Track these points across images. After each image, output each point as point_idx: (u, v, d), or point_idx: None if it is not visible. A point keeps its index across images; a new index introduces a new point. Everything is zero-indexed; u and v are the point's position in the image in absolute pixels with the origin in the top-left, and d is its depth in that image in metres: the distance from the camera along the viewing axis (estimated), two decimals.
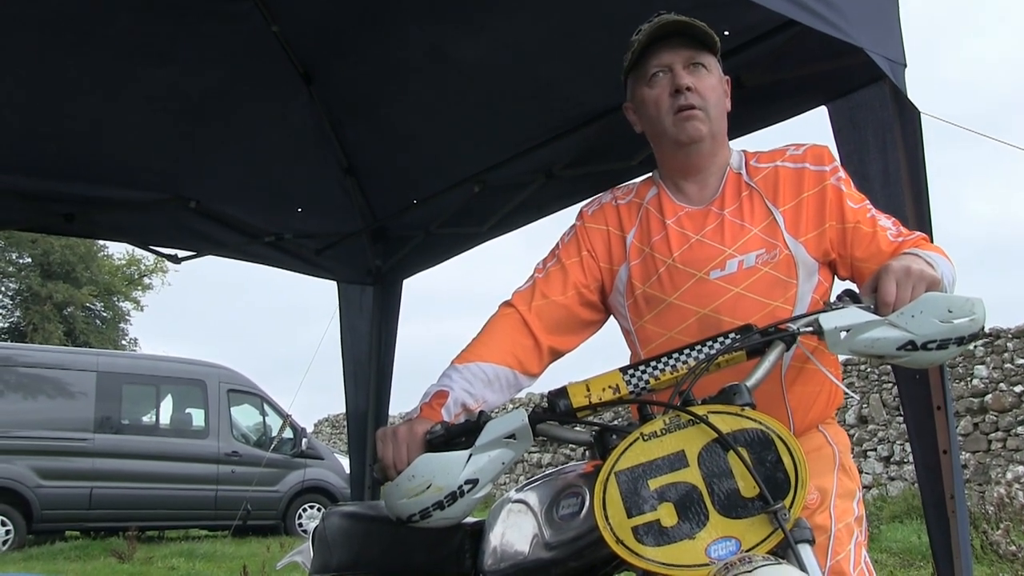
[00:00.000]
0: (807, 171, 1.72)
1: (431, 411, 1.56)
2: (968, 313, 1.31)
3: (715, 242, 1.70)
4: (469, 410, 1.60)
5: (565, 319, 1.76)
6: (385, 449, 1.46)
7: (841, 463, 1.73)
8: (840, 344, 1.35)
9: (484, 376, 1.64)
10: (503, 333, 1.71)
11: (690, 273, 1.69)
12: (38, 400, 10.28)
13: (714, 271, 1.67)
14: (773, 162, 1.76)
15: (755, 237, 1.68)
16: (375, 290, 4.60)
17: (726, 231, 1.70)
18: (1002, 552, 5.89)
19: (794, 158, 1.75)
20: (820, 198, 1.69)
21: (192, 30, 3.13)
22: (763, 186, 1.73)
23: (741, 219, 1.71)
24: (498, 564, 1.61)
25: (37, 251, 24.77)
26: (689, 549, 1.16)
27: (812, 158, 1.74)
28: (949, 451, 2.26)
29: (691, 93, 1.68)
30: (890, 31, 2.30)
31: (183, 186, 4.01)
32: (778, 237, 1.68)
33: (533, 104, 3.35)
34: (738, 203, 1.73)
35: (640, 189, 1.85)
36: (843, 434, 1.81)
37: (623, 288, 1.78)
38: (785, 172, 1.73)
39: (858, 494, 1.74)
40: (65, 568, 8.31)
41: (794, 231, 1.68)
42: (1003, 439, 8.78)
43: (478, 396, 1.62)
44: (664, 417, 1.27)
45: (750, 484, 1.18)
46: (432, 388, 1.62)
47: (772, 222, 1.69)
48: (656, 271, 1.72)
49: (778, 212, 1.70)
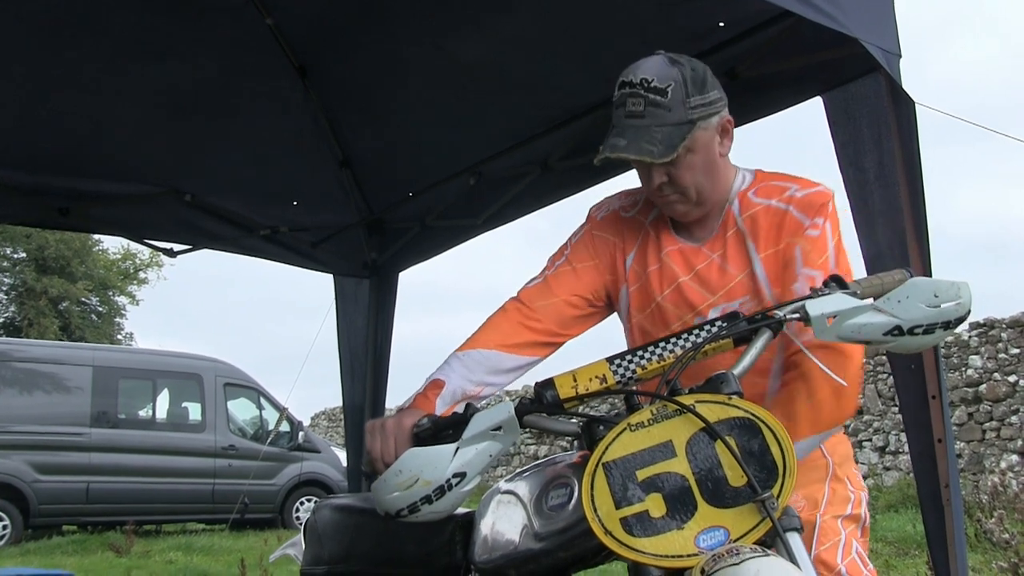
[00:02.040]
0: (792, 218, 1.66)
1: (424, 401, 1.56)
2: (954, 297, 1.31)
3: (701, 288, 1.70)
4: (468, 396, 1.60)
5: (570, 319, 1.76)
6: (373, 442, 1.46)
7: (835, 473, 1.71)
8: (827, 330, 1.34)
9: (486, 362, 1.64)
10: (507, 323, 1.71)
11: (676, 314, 1.71)
12: (34, 395, 10.28)
13: (697, 318, 1.67)
14: (768, 200, 1.69)
15: (740, 284, 1.67)
16: (371, 283, 4.59)
17: (713, 275, 1.69)
18: (996, 540, 5.93)
19: (789, 200, 1.68)
20: (789, 249, 1.65)
21: (186, 24, 3.12)
22: (748, 226, 1.69)
23: (727, 264, 1.69)
24: (489, 555, 1.61)
25: (32, 246, 24.70)
26: (678, 539, 1.16)
27: (804, 206, 1.66)
28: (944, 440, 2.26)
29: (666, 186, 1.64)
30: (885, 21, 2.30)
31: (178, 180, 4.00)
32: (759, 284, 1.66)
33: (529, 96, 3.35)
34: (723, 248, 1.70)
35: (644, 206, 1.82)
36: (844, 444, 1.78)
37: (624, 310, 1.80)
38: (773, 214, 1.68)
39: (853, 497, 1.71)
40: (63, 562, 8.31)
41: (773, 279, 1.65)
42: (997, 428, 8.81)
43: (478, 382, 1.61)
44: (651, 407, 1.27)
45: (738, 473, 1.18)
46: (429, 377, 1.62)
47: (752, 271, 1.67)
48: (649, 305, 1.74)
49: (758, 259, 1.67)
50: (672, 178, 1.63)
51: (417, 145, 3.87)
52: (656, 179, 1.64)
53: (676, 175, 1.63)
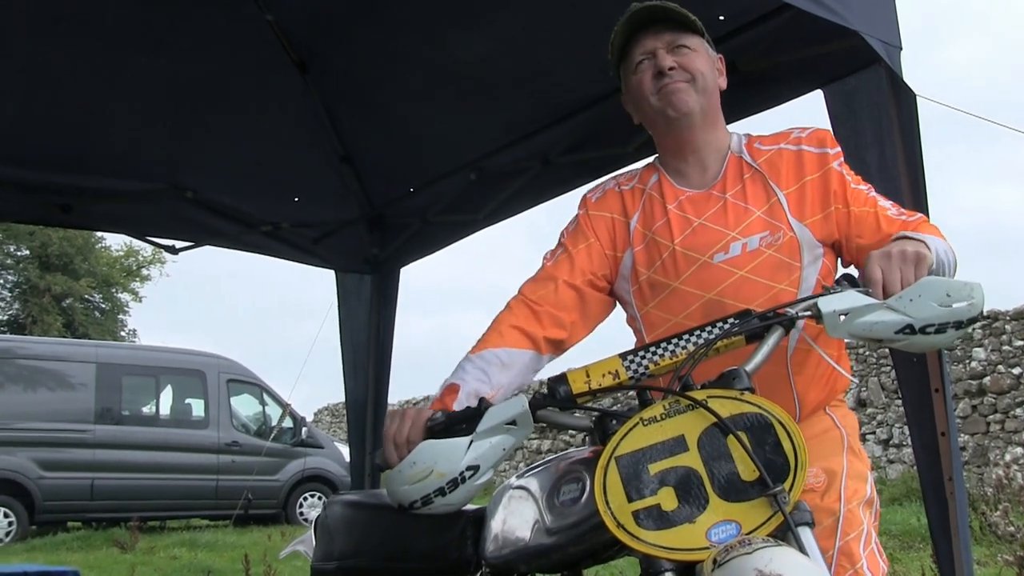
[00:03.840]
0: (809, 154, 1.72)
1: (441, 406, 1.55)
2: (967, 297, 1.31)
3: (718, 225, 1.69)
4: (486, 399, 1.60)
5: (574, 303, 1.74)
6: (390, 425, 1.46)
7: (850, 445, 1.73)
8: (839, 328, 1.35)
9: (499, 361, 1.63)
10: (513, 318, 1.71)
11: (693, 258, 1.68)
12: (38, 392, 10.29)
13: (717, 255, 1.67)
14: (776, 144, 1.75)
15: (758, 219, 1.68)
16: (373, 278, 4.60)
17: (729, 214, 1.69)
18: (1000, 533, 5.92)
19: (797, 140, 1.75)
20: (824, 181, 1.69)
21: (186, 19, 3.12)
22: (766, 168, 1.72)
23: (744, 201, 1.70)
24: (500, 550, 1.62)
25: (35, 243, 24.74)
26: (689, 533, 1.17)
27: (814, 141, 1.73)
28: (947, 433, 2.26)
29: (675, 71, 1.69)
30: (886, 14, 2.30)
31: (180, 176, 4.00)
32: (782, 219, 1.67)
33: (529, 91, 3.35)
34: (740, 185, 1.72)
35: (643, 175, 1.84)
36: (852, 416, 1.81)
37: (628, 274, 1.77)
38: (788, 155, 1.73)
39: (870, 477, 1.73)
40: (68, 559, 8.33)
41: (799, 214, 1.68)
42: (1001, 421, 8.80)
43: (494, 383, 1.60)
44: (664, 402, 1.27)
45: (750, 468, 1.18)
46: (444, 382, 1.61)
47: (775, 204, 1.69)
48: (660, 256, 1.72)
49: (782, 194, 1.69)
50: (682, 64, 1.70)
51: (418, 140, 3.87)
52: (666, 60, 1.69)
53: (686, 62, 1.70)
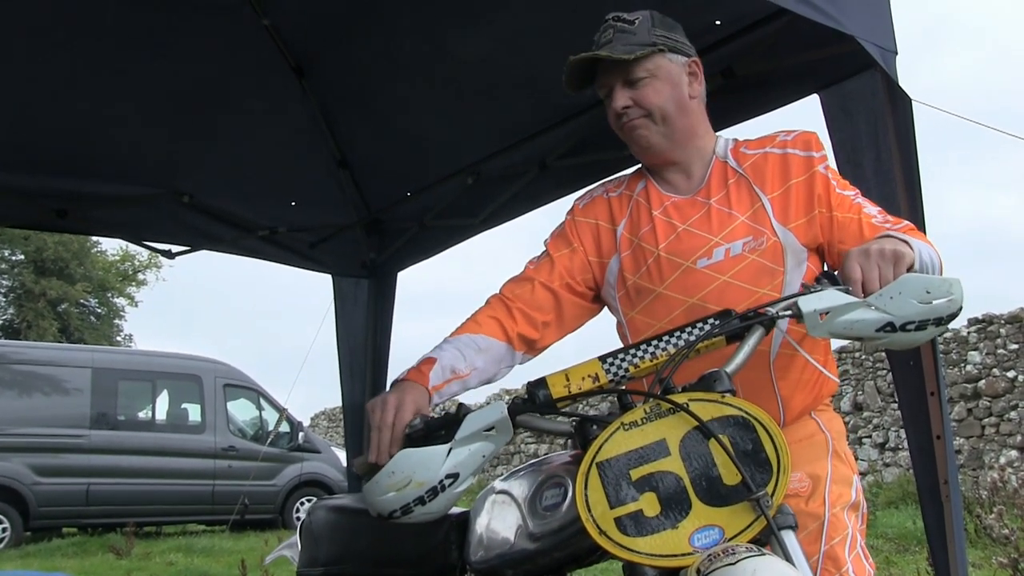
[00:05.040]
0: (795, 157, 1.72)
1: (418, 374, 1.58)
2: (946, 293, 1.31)
3: (702, 231, 1.70)
4: (459, 376, 1.61)
5: (550, 304, 1.77)
6: (373, 413, 1.48)
7: (835, 449, 1.73)
8: (819, 327, 1.34)
9: (475, 345, 1.66)
10: (490, 310, 1.74)
11: (677, 263, 1.70)
12: (33, 397, 10.26)
13: (701, 260, 1.68)
14: (762, 148, 1.76)
15: (742, 224, 1.69)
16: (370, 283, 4.59)
17: (713, 219, 1.70)
18: (995, 536, 5.92)
19: (783, 144, 1.75)
20: (809, 185, 1.70)
21: (183, 23, 3.11)
22: (751, 173, 1.73)
23: (728, 207, 1.71)
24: (484, 555, 1.61)
25: (30, 248, 24.69)
26: (672, 539, 1.16)
27: (800, 144, 1.74)
28: (943, 436, 2.27)
29: (631, 109, 1.71)
30: (881, 19, 2.30)
31: (176, 181, 3.99)
32: (765, 224, 1.68)
33: (526, 94, 3.34)
34: (725, 191, 1.73)
35: (630, 181, 1.86)
36: (837, 420, 1.81)
37: (614, 280, 1.79)
38: (773, 158, 1.74)
39: (855, 480, 1.73)
40: (63, 565, 8.31)
41: (783, 218, 1.68)
42: (996, 424, 8.81)
43: (469, 362, 1.63)
44: (644, 406, 1.27)
45: (732, 472, 1.17)
46: (422, 356, 1.64)
47: (760, 209, 1.69)
48: (645, 262, 1.73)
49: (766, 199, 1.70)
50: (637, 100, 1.70)
51: (415, 144, 3.86)
52: (620, 100, 1.71)
53: (640, 96, 1.70)
